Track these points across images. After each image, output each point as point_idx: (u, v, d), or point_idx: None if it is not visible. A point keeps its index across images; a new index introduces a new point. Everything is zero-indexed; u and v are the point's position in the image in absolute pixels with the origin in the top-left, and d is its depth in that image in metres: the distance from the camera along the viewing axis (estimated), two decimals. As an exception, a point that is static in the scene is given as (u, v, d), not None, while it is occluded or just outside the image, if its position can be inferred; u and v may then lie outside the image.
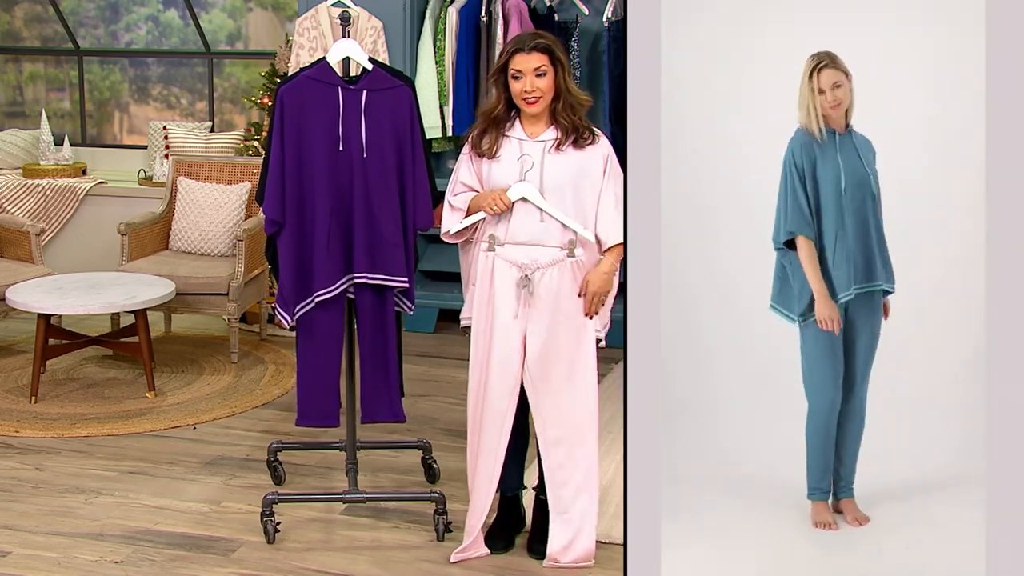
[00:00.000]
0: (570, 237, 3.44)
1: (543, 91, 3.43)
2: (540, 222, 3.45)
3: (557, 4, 6.04)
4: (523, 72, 3.42)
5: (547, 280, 3.44)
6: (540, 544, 3.60)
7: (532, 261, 3.44)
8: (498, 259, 3.46)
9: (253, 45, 7.71)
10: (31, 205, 7.08)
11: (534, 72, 3.41)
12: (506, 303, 3.47)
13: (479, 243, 3.53)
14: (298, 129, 3.64)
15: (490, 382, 3.51)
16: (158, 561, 3.59)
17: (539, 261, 3.44)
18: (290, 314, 3.70)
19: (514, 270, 3.45)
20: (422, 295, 6.01)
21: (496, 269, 3.47)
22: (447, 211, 3.56)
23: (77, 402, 5.11)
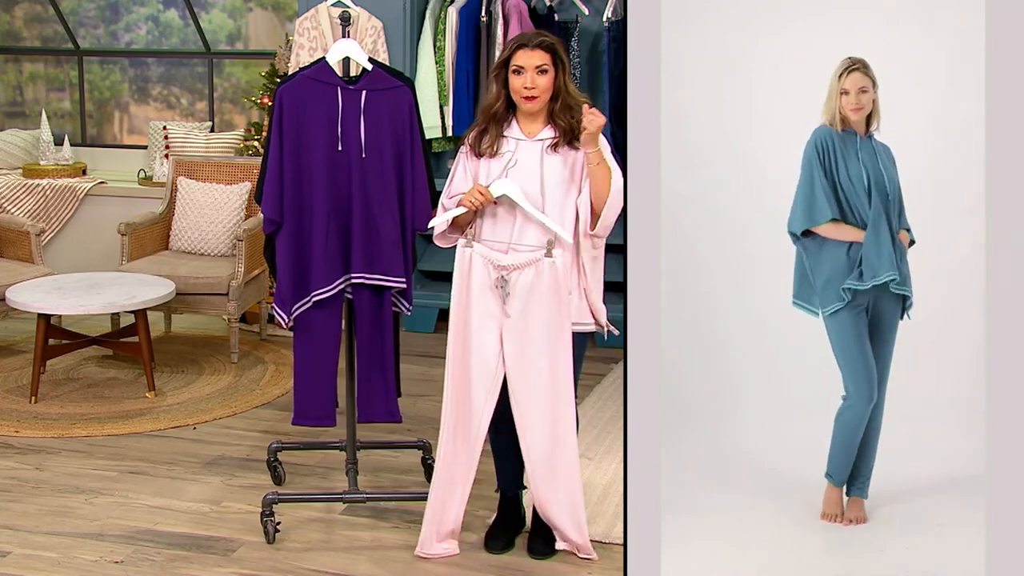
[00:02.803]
0: (549, 237, 3.43)
1: (543, 89, 3.44)
2: (520, 222, 3.45)
3: (557, 4, 6.04)
4: (525, 68, 3.42)
5: (523, 280, 3.42)
6: (540, 544, 3.60)
7: (510, 263, 3.43)
8: (475, 255, 3.45)
9: (253, 45, 7.71)
10: (31, 205, 7.08)
11: (536, 69, 3.42)
12: (483, 301, 3.45)
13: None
14: (297, 129, 3.64)
15: (471, 379, 3.48)
16: (158, 561, 3.59)
17: (516, 262, 3.43)
18: (287, 313, 3.70)
19: (490, 269, 3.44)
20: (421, 295, 6.01)
21: (473, 265, 3.46)
22: (438, 212, 3.56)
23: (77, 402, 5.11)
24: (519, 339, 3.45)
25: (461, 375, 3.50)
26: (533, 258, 3.43)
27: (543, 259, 3.42)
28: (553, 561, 3.58)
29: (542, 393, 3.46)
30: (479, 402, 3.49)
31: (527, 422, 3.48)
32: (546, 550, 3.60)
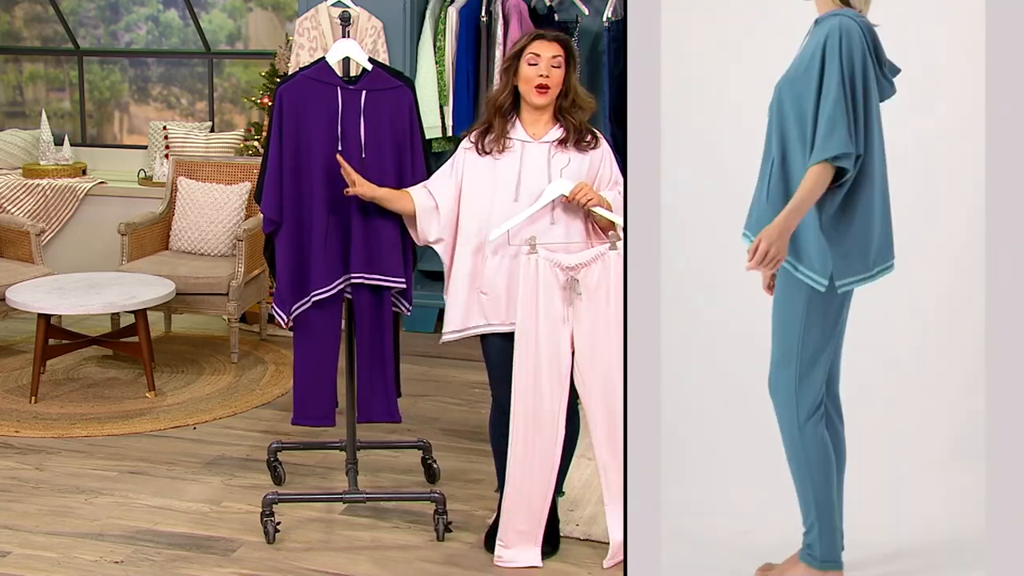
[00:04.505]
0: (610, 231, 3.44)
1: (555, 82, 3.45)
2: (567, 220, 3.45)
3: (557, 4, 6.05)
4: (540, 57, 3.44)
5: (591, 276, 3.41)
6: (545, 544, 3.59)
7: (576, 262, 3.41)
8: (540, 260, 3.40)
9: (253, 45, 7.71)
10: (31, 205, 7.08)
11: (551, 60, 3.44)
12: (551, 304, 3.42)
13: (494, 244, 3.50)
14: (297, 129, 3.64)
15: (542, 388, 3.44)
16: (158, 561, 3.59)
17: (582, 259, 3.41)
18: (287, 313, 3.70)
19: (557, 271, 3.41)
20: (422, 295, 6.01)
21: (540, 270, 3.40)
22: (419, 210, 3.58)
23: (77, 402, 5.11)
24: (591, 335, 3.43)
25: (532, 386, 3.44)
26: (598, 253, 3.43)
27: (608, 252, 3.42)
28: (554, 561, 3.58)
29: (608, 388, 3.43)
30: (552, 407, 3.45)
31: (596, 419, 3.46)
32: (547, 549, 3.60)
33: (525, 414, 3.45)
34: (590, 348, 3.43)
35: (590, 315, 3.42)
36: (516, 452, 3.47)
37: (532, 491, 3.49)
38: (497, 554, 3.54)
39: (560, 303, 3.42)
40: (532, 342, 3.43)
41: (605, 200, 3.46)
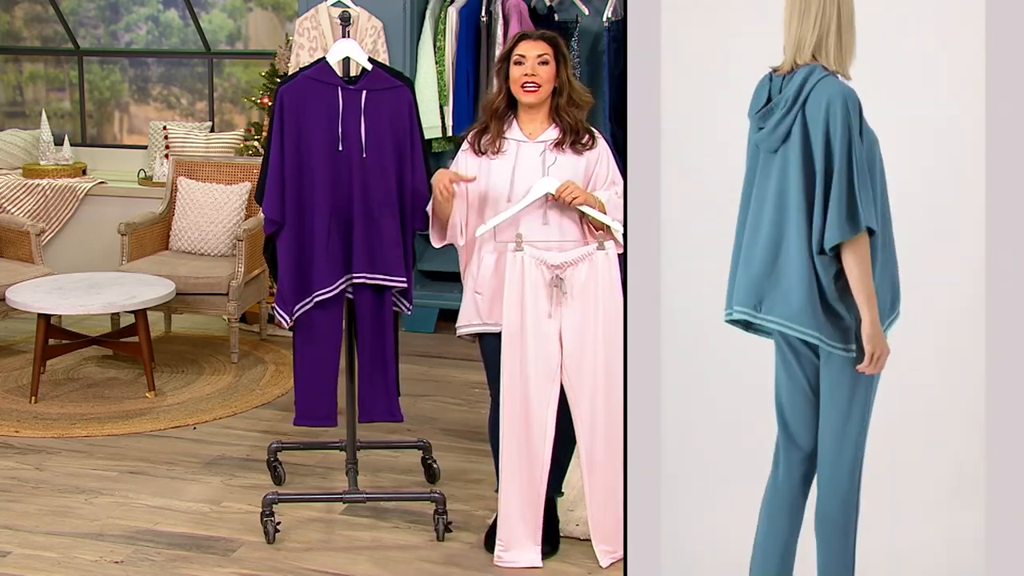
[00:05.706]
0: (600, 231, 3.43)
1: (543, 80, 3.44)
2: (559, 218, 3.45)
3: (557, 4, 6.05)
4: (526, 57, 3.43)
5: (578, 276, 3.40)
6: (545, 544, 3.59)
7: (563, 260, 3.40)
8: (526, 258, 3.41)
9: (253, 45, 7.71)
10: (31, 205, 7.08)
11: (537, 59, 3.43)
12: (537, 302, 3.42)
13: (487, 244, 3.51)
14: (297, 129, 3.64)
15: (529, 386, 3.44)
16: (158, 561, 3.59)
17: (569, 258, 3.41)
18: (289, 314, 3.70)
19: (543, 269, 3.42)
20: (422, 295, 6.01)
21: (525, 267, 3.41)
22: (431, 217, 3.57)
23: (77, 402, 5.11)
24: (578, 335, 3.42)
25: (520, 384, 3.44)
26: (585, 252, 3.43)
27: (596, 252, 3.42)
28: (554, 561, 3.58)
29: (595, 388, 3.43)
30: (543, 410, 3.45)
31: (582, 416, 3.46)
32: (547, 549, 3.60)
33: (513, 410, 3.46)
34: (578, 348, 3.44)
35: (577, 314, 3.42)
36: (508, 450, 3.48)
37: (526, 489, 3.50)
38: (497, 554, 3.54)
39: (546, 301, 3.42)
40: (518, 339, 3.43)
41: (596, 199, 3.45)
